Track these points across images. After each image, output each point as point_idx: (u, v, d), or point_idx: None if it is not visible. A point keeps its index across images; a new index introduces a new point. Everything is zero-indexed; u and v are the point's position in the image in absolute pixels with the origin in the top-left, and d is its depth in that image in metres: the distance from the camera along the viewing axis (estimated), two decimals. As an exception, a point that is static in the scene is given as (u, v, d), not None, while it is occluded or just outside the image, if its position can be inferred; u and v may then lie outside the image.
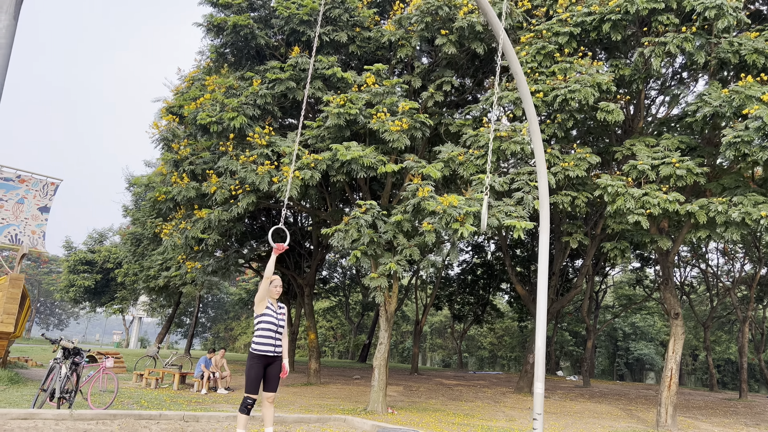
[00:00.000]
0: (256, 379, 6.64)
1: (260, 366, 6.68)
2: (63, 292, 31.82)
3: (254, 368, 6.64)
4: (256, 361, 6.67)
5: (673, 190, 11.94)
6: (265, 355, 6.70)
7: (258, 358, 6.67)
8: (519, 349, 47.42)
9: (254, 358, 6.68)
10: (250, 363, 6.70)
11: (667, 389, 14.48)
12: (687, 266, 33.34)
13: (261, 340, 6.70)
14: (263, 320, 6.77)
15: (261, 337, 6.71)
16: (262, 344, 6.70)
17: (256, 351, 6.69)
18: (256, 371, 6.65)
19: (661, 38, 11.55)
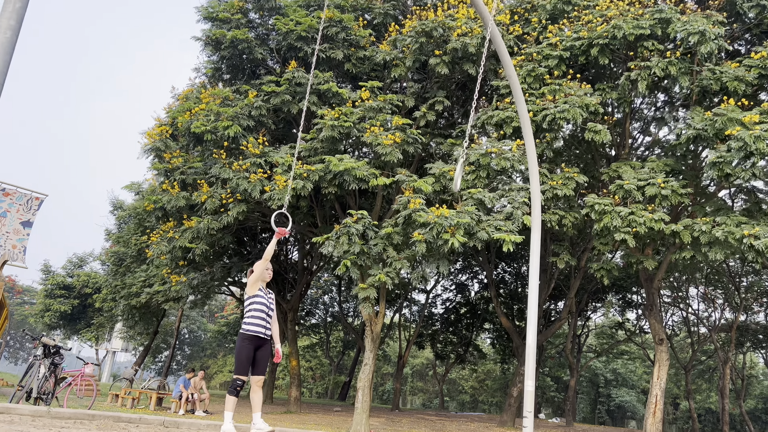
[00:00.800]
0: (246, 361, 6.50)
1: (251, 348, 6.54)
2: (38, 317, 30.98)
3: (245, 349, 6.51)
4: (247, 343, 6.53)
5: (659, 210, 12.20)
6: (256, 336, 6.57)
7: (249, 339, 6.54)
8: (500, 394, 46.80)
9: (245, 340, 6.54)
10: (240, 344, 6.55)
11: (652, 416, 14.41)
12: (668, 312, 33.56)
13: (253, 321, 6.59)
14: (255, 301, 6.68)
15: (253, 317, 6.60)
16: (254, 325, 6.58)
17: (248, 332, 6.56)
18: (247, 353, 6.51)
19: (647, 62, 12.02)
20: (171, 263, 14.95)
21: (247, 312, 6.70)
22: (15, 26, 4.08)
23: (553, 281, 22.10)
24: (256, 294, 6.72)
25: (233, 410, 6.54)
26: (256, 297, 6.70)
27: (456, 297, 33.70)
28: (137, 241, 20.74)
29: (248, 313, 6.67)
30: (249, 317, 6.62)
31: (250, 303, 6.70)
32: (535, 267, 8.62)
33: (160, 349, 43.54)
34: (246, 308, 6.73)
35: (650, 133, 16.77)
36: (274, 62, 15.72)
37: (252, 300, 6.69)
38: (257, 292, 6.73)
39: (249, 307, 6.70)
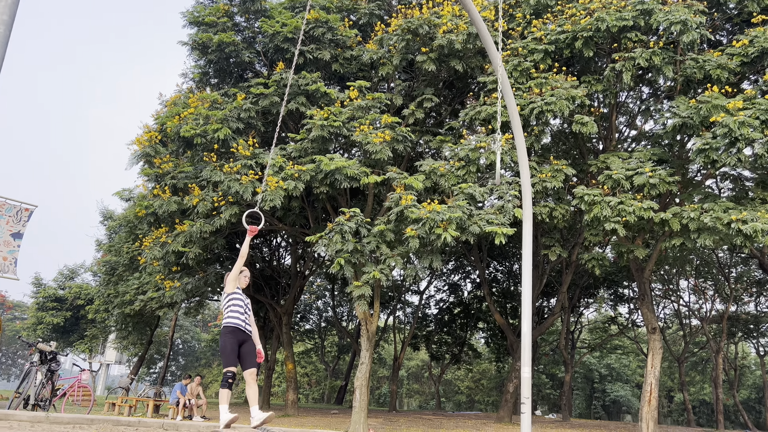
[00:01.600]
0: (232, 352, 6.67)
1: (234, 341, 6.73)
2: (30, 330, 30.72)
3: (229, 342, 6.69)
4: (230, 336, 6.72)
5: (648, 199, 12.34)
6: (237, 328, 6.80)
7: (232, 332, 6.73)
8: (496, 393, 46.90)
9: (228, 333, 6.74)
10: (224, 338, 6.74)
11: (648, 404, 14.52)
12: (660, 305, 33.83)
13: (233, 314, 6.83)
14: (233, 298, 6.94)
15: (233, 312, 6.84)
16: (235, 318, 6.82)
17: (230, 324, 6.80)
18: (231, 344, 6.69)
19: (631, 54, 12.19)
20: (164, 269, 14.92)
21: (226, 308, 6.94)
22: (8, 21, 4.11)
23: (545, 277, 22.26)
24: (234, 292, 7.01)
25: (227, 402, 6.64)
26: (233, 294, 6.96)
27: (449, 297, 33.80)
28: (129, 248, 20.65)
29: (227, 309, 6.93)
30: (228, 312, 6.89)
31: (229, 300, 6.97)
32: (528, 249, 8.71)
33: (154, 360, 43.27)
34: (225, 305, 6.97)
35: (636, 127, 16.97)
36: (261, 65, 15.76)
37: (230, 297, 6.95)
38: (235, 291, 6.98)
39: (228, 304, 6.97)
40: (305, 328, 40.54)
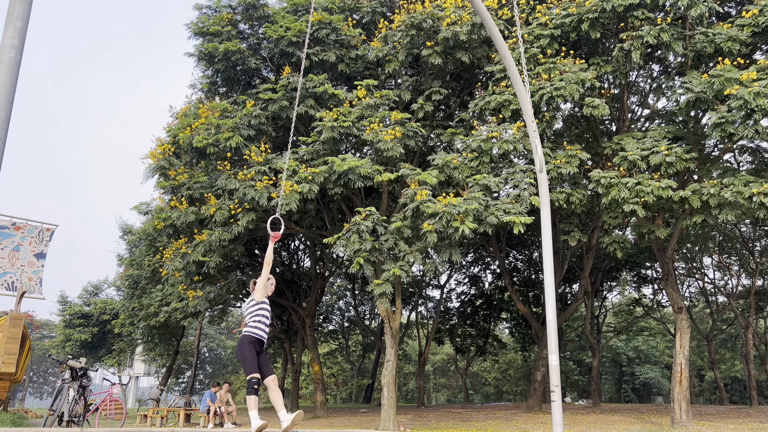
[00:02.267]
0: (252, 359, 6.70)
1: (253, 349, 6.75)
2: (59, 347, 31.21)
3: (248, 351, 6.70)
4: (249, 347, 6.73)
5: (665, 178, 12.19)
6: (259, 340, 6.81)
7: (253, 342, 6.75)
8: (524, 383, 46.72)
9: (249, 342, 6.74)
10: (243, 347, 6.74)
11: (679, 384, 14.36)
12: (684, 284, 33.44)
13: (258, 326, 6.82)
14: (262, 308, 6.92)
15: (258, 323, 6.83)
16: (259, 329, 6.82)
17: (254, 335, 6.79)
18: (251, 354, 6.71)
19: (638, 32, 12.04)
20: (186, 279, 15.05)
21: (253, 315, 6.86)
22: (18, 46, 4.17)
23: (566, 263, 22.09)
24: (263, 302, 6.96)
25: (256, 408, 6.68)
26: (262, 304, 6.94)
27: (470, 289, 33.69)
28: (150, 261, 20.85)
29: (255, 317, 6.85)
30: (255, 321, 6.84)
31: (257, 309, 6.89)
32: (547, 237, 8.66)
33: (182, 370, 43.74)
34: (252, 312, 6.88)
35: (648, 105, 16.77)
36: (268, 70, 15.81)
37: (260, 306, 6.91)
38: (264, 300, 6.95)
39: (256, 312, 6.88)
40: (329, 329, 40.70)
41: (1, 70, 3.96)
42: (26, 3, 4.08)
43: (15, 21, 4.07)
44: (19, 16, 4.06)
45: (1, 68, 3.96)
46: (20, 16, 4.06)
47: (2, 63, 3.97)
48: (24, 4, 4.07)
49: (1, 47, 3.98)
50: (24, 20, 4.12)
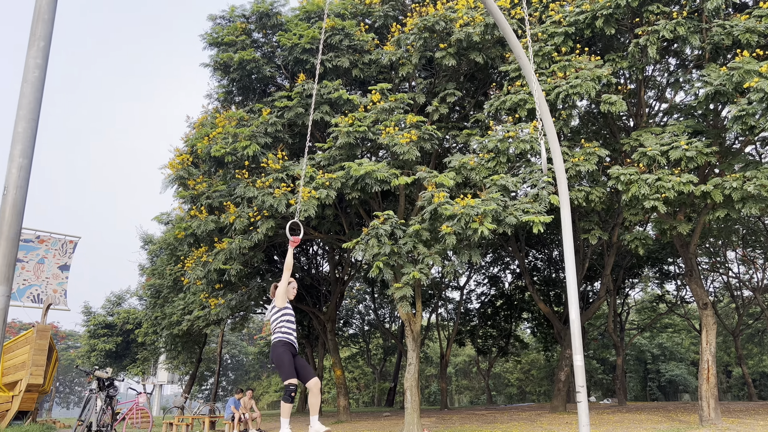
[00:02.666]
0: (289, 364, 6.70)
1: (288, 353, 6.77)
2: (84, 358, 31.65)
3: (285, 354, 6.72)
4: (284, 349, 6.76)
5: (686, 173, 12.05)
6: (291, 344, 6.83)
7: (286, 345, 6.79)
8: (547, 383, 46.35)
9: (283, 345, 6.77)
10: (280, 351, 6.74)
11: (706, 381, 14.17)
12: (708, 279, 32.96)
13: (287, 330, 6.87)
14: (286, 313, 6.96)
15: (287, 327, 6.88)
16: (288, 333, 6.87)
17: (285, 339, 6.81)
18: (288, 357, 6.73)
19: (654, 27, 11.92)
20: (207, 287, 15.18)
21: (279, 323, 6.91)
22: (41, 65, 4.25)
23: (586, 261, 21.89)
24: (286, 307, 7.00)
25: (288, 416, 6.67)
26: (286, 309, 6.98)
27: (490, 290, 33.53)
28: (171, 270, 21.06)
29: (282, 323, 6.90)
30: (283, 327, 6.88)
31: (283, 314, 6.93)
32: (568, 236, 8.60)
33: (205, 377, 44.07)
34: (277, 319, 6.93)
35: (666, 99, 16.59)
36: (282, 78, 15.92)
37: (283, 312, 6.95)
38: (286, 306, 6.99)
39: (281, 318, 6.92)
40: (349, 333, 40.75)
41: (25, 89, 4.04)
42: (48, 23, 4.16)
43: (38, 41, 4.15)
44: (42, 35, 4.14)
45: (26, 87, 4.04)
46: (43, 36, 4.14)
47: (27, 82, 4.05)
48: (46, 25, 4.15)
49: (26, 67, 4.07)
50: (47, 40, 4.20)
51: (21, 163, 3.84)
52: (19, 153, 3.85)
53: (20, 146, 3.87)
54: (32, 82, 4.16)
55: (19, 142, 3.90)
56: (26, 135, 3.96)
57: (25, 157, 3.91)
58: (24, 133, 3.90)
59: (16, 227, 3.68)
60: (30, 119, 4.06)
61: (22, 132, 3.92)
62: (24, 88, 4.06)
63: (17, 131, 3.92)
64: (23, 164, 3.85)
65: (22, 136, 3.91)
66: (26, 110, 4.03)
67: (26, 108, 4.05)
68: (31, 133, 3.98)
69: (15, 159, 3.84)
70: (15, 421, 15.51)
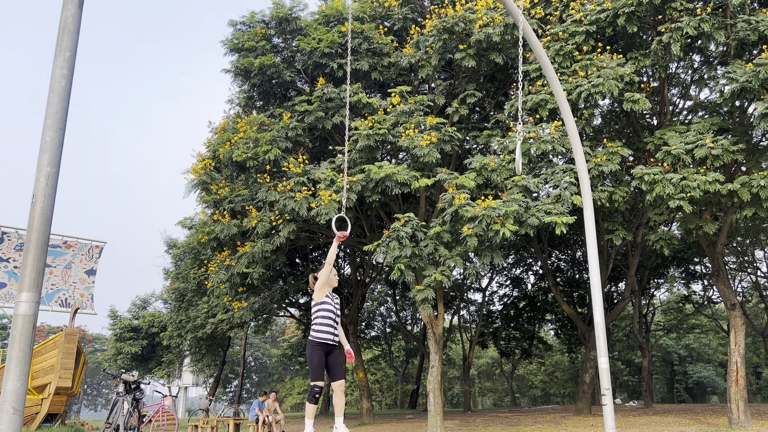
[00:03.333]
0: (319, 366, 6.53)
1: (321, 354, 6.54)
2: (111, 361, 32.16)
3: (316, 355, 6.52)
4: (317, 349, 6.54)
5: (712, 171, 11.85)
6: (325, 343, 6.60)
7: (319, 345, 6.54)
8: (572, 385, 45.89)
9: (315, 346, 6.55)
10: (311, 351, 6.57)
11: (735, 384, 13.90)
12: (736, 279, 32.33)
13: (321, 328, 6.58)
14: (323, 308, 6.67)
15: (321, 324, 6.59)
16: (323, 332, 6.57)
17: (318, 339, 6.57)
18: (319, 358, 6.52)
19: (677, 23, 11.75)
20: (231, 291, 15.32)
21: (315, 319, 6.72)
22: (68, 75, 4.33)
23: (610, 261, 21.64)
24: (324, 301, 6.71)
25: (313, 417, 6.63)
26: (323, 304, 6.68)
27: (513, 292, 33.31)
28: (195, 274, 21.30)
29: (317, 320, 6.67)
30: (318, 324, 6.62)
31: (318, 310, 6.69)
32: (591, 236, 8.51)
33: (229, 380, 44.46)
34: (314, 315, 6.75)
35: (690, 97, 16.34)
36: (302, 82, 16.01)
37: (320, 307, 6.68)
38: (324, 299, 6.75)
39: (317, 314, 6.69)
40: (371, 335, 40.78)
41: (52, 99, 4.11)
42: (74, 33, 4.23)
43: (64, 51, 4.23)
44: (68, 46, 4.21)
45: (53, 97, 4.12)
46: (68, 47, 4.22)
47: (54, 92, 4.13)
48: (72, 35, 4.23)
49: (52, 77, 4.14)
50: (72, 50, 4.28)
51: (49, 171, 3.92)
52: (46, 162, 3.92)
53: (48, 155, 3.95)
54: (59, 92, 4.24)
55: (47, 151, 3.97)
56: (53, 144, 4.03)
57: (53, 165, 3.98)
58: (51, 143, 3.98)
59: (44, 235, 3.75)
60: (57, 128, 4.13)
61: (50, 141, 3.99)
62: (51, 98, 4.14)
63: (45, 140, 3.99)
64: (51, 173, 3.92)
65: (49, 145, 3.98)
66: (53, 120, 4.10)
67: (53, 117, 4.13)
68: (59, 142, 4.05)
69: (43, 168, 3.91)
70: (44, 423, 15.81)
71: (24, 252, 3.63)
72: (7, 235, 19.30)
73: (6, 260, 19.22)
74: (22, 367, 3.42)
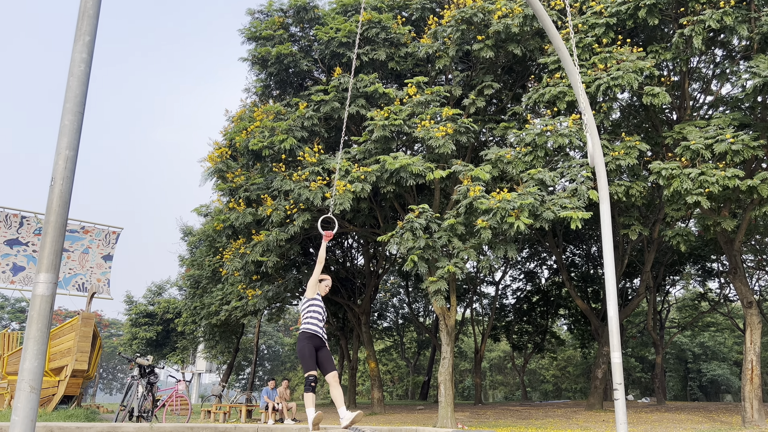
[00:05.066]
0: (310, 356, 6.85)
1: (311, 345, 6.89)
2: (126, 345, 32.58)
3: (306, 347, 6.85)
4: (307, 341, 6.89)
5: (731, 167, 11.68)
6: (315, 335, 6.94)
7: (309, 337, 6.90)
8: (584, 380, 45.70)
9: (305, 338, 6.90)
10: (301, 344, 6.93)
11: (750, 382, 13.78)
12: (753, 277, 31.92)
13: (312, 321, 6.97)
14: (313, 304, 7.06)
15: (312, 318, 6.98)
16: (313, 324, 6.97)
17: (308, 330, 6.96)
18: (309, 349, 6.85)
19: (700, 16, 11.56)
20: (245, 278, 15.43)
21: (305, 313, 7.07)
22: (87, 59, 4.36)
23: (626, 257, 21.46)
24: (314, 298, 7.12)
25: (313, 405, 6.81)
26: (314, 300, 7.08)
27: (526, 286, 33.19)
28: (210, 261, 21.47)
29: (307, 314, 7.06)
30: (308, 318, 7.02)
31: (309, 305, 7.08)
32: (607, 231, 8.44)
33: (242, 367, 44.86)
34: (304, 310, 7.10)
35: (711, 92, 16.10)
36: (319, 72, 16.01)
37: (310, 303, 7.07)
38: (315, 296, 7.11)
39: (308, 308, 7.08)
40: (383, 326, 40.91)
41: (71, 83, 4.15)
42: (93, 18, 4.26)
43: (83, 36, 4.26)
44: (87, 30, 4.24)
45: (72, 81, 4.16)
46: (88, 31, 4.25)
47: (73, 76, 4.17)
48: (91, 20, 4.26)
49: (72, 61, 4.18)
50: (92, 35, 4.31)
51: (67, 155, 3.96)
52: (65, 145, 3.97)
53: (66, 139, 3.99)
54: (78, 76, 4.27)
55: (66, 134, 4.01)
56: (72, 128, 4.07)
57: (72, 149, 4.02)
58: (70, 126, 4.02)
59: (62, 217, 3.80)
60: (76, 112, 4.17)
61: (69, 125, 4.03)
62: (70, 82, 4.17)
63: (64, 124, 4.03)
64: (69, 156, 3.96)
65: (68, 128, 4.02)
66: (72, 103, 4.14)
67: (72, 101, 4.16)
68: (77, 125, 4.09)
69: (62, 151, 3.96)
70: (60, 405, 16.07)
71: (42, 234, 3.69)
72: (27, 220, 19.58)
73: (25, 244, 19.51)
74: (40, 347, 3.47)
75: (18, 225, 19.41)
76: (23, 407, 3.35)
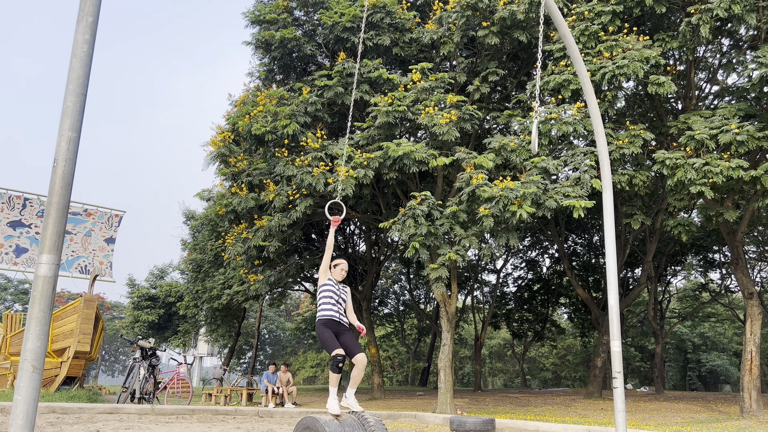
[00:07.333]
0: (331, 338, 6.61)
1: (330, 331, 6.69)
2: (128, 328, 32.79)
3: (325, 331, 6.63)
4: (324, 328, 6.67)
5: (736, 158, 11.63)
6: (332, 319, 6.73)
7: (326, 322, 6.70)
8: (583, 369, 45.90)
9: (323, 325, 6.71)
10: (320, 330, 6.70)
11: (749, 372, 13.82)
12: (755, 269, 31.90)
13: (325, 307, 6.81)
14: (325, 289, 6.91)
15: (325, 304, 6.83)
16: (327, 309, 6.78)
17: (324, 316, 6.77)
18: (329, 333, 6.64)
19: (707, 5, 11.46)
20: (247, 263, 15.46)
21: (319, 301, 6.95)
22: (90, 40, 4.34)
23: (627, 247, 21.46)
24: (326, 283, 6.95)
25: (337, 386, 6.69)
26: (326, 285, 6.92)
27: (527, 274, 33.23)
28: (212, 246, 21.52)
29: (320, 301, 6.93)
30: (322, 304, 6.88)
31: (321, 291, 6.95)
32: (609, 220, 8.43)
33: (243, 351, 45.16)
34: (318, 298, 6.98)
35: (717, 81, 15.99)
36: (323, 57, 15.93)
37: (322, 289, 6.92)
38: (327, 281, 6.96)
39: (320, 295, 6.96)
40: (384, 313, 41.07)
41: (74, 64, 4.13)
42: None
43: (86, 16, 4.24)
44: (90, 11, 4.22)
45: (75, 62, 4.14)
46: (91, 12, 4.23)
47: (75, 57, 4.15)
48: (94, 1, 4.23)
49: (74, 42, 4.16)
50: (95, 15, 4.28)
51: (70, 136, 3.95)
52: (68, 127, 3.96)
53: (69, 120, 3.98)
54: (81, 57, 4.25)
55: (68, 116, 4.00)
56: (75, 109, 4.06)
57: (74, 130, 4.01)
58: (73, 107, 4.01)
59: (65, 198, 3.80)
60: (79, 93, 4.16)
61: (71, 106, 4.02)
62: (73, 63, 4.16)
63: (66, 105, 4.02)
64: (72, 137, 3.96)
65: (71, 110, 4.01)
66: (75, 85, 4.13)
67: (75, 83, 4.15)
68: (80, 107, 4.08)
69: (64, 132, 3.95)
70: (63, 386, 16.19)
71: (45, 215, 3.70)
72: (30, 201, 19.62)
73: (28, 226, 19.57)
74: (42, 327, 3.49)
75: (21, 207, 19.45)
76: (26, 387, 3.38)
